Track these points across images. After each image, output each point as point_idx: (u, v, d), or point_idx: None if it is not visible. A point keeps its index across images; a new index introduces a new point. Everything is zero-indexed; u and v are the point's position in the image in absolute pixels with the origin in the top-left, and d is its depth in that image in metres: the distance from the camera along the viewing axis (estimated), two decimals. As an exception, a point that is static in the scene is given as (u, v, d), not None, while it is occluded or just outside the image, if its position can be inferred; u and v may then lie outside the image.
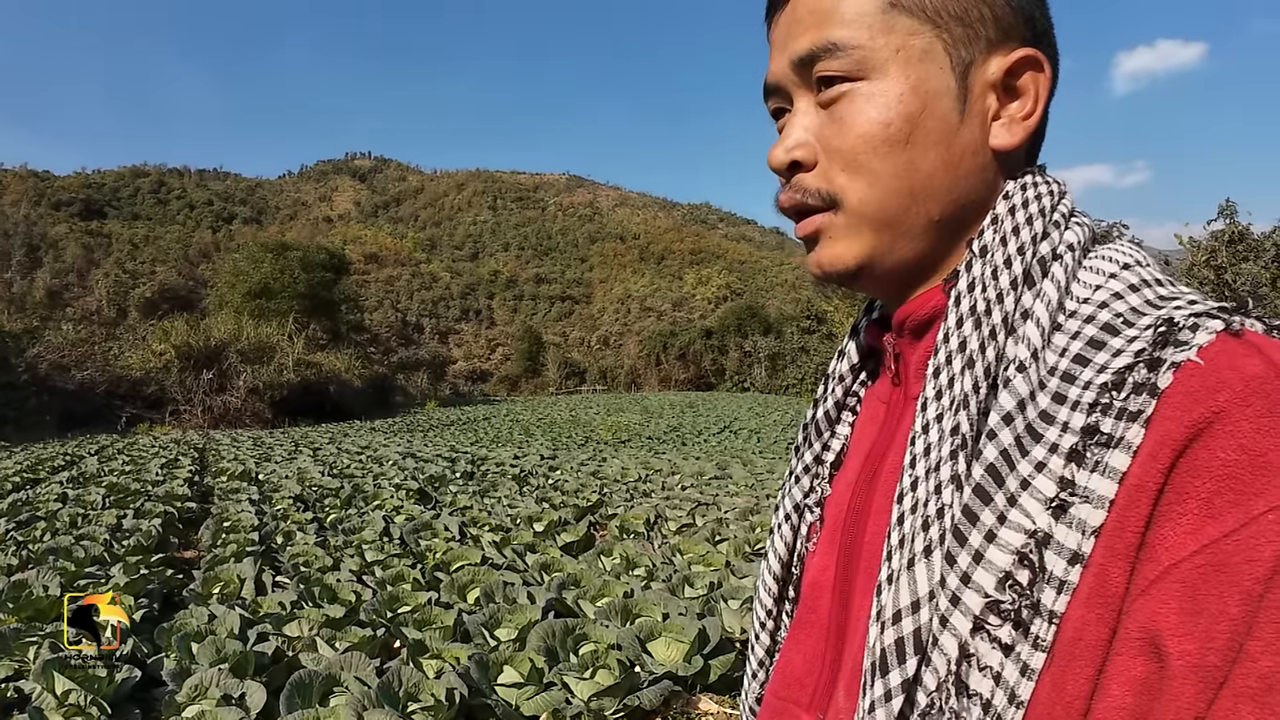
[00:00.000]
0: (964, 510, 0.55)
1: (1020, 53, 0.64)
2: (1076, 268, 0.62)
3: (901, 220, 0.65)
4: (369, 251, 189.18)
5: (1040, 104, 0.65)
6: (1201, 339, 0.51)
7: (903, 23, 0.63)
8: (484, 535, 7.43)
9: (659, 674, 4.23)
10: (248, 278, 48.42)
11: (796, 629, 0.78)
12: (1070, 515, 0.51)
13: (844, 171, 0.65)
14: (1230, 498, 0.46)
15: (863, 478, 0.72)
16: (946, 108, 0.63)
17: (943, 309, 0.66)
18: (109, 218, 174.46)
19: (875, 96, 0.63)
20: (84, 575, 5.87)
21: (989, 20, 0.64)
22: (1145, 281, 0.59)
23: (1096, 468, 0.50)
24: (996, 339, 0.60)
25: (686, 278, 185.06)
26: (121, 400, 29.69)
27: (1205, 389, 0.49)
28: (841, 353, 0.83)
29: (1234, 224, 17.11)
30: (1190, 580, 0.46)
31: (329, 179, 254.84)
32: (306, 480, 11.54)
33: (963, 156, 0.64)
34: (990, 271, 0.63)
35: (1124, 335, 0.54)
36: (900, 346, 0.72)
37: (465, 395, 67.08)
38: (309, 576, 5.81)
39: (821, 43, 0.65)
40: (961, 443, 0.58)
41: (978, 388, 0.59)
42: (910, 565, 0.57)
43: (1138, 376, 0.51)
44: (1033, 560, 0.51)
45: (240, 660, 4.19)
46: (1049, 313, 0.59)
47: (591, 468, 13.11)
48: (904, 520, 0.59)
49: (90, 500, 9.55)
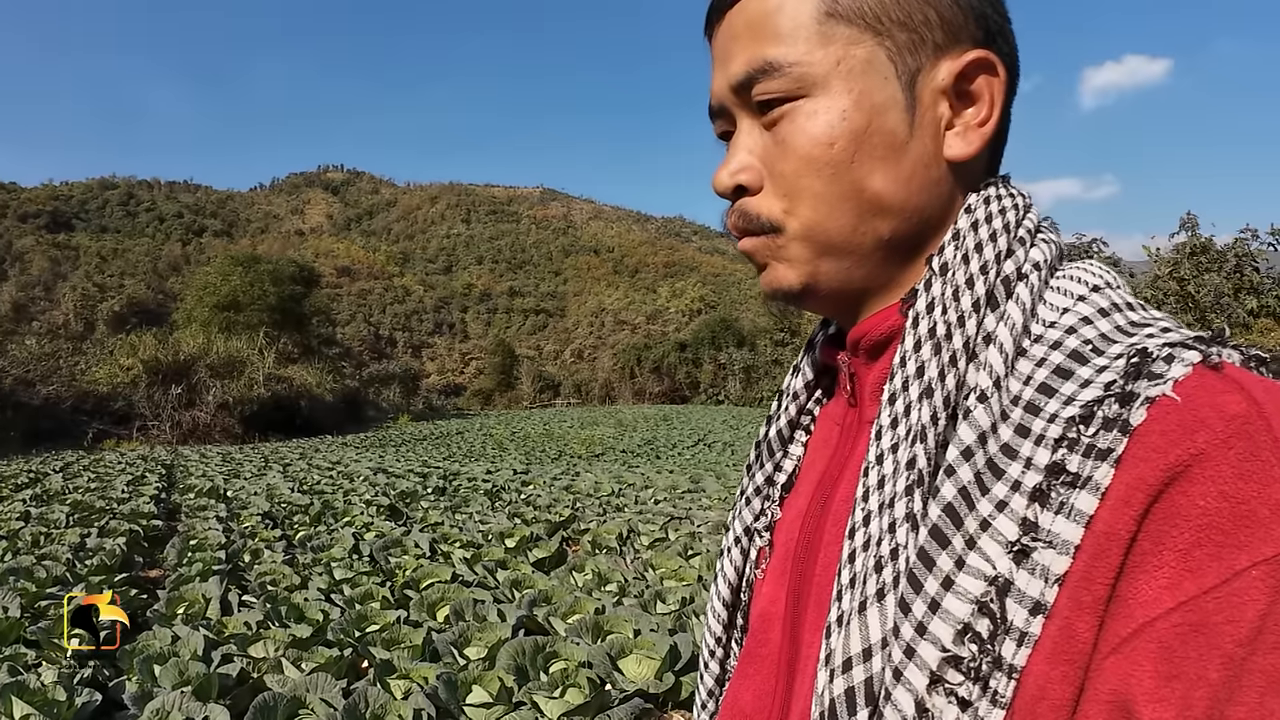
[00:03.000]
0: (919, 553, 0.51)
1: (971, 55, 0.60)
2: (1043, 288, 0.58)
3: (849, 241, 0.62)
4: (341, 265, 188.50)
5: (996, 109, 0.61)
6: (1177, 372, 0.47)
7: (842, 32, 0.59)
8: (455, 552, 7.37)
9: (630, 692, 4.21)
10: (216, 291, 47.93)
11: (746, 662, 0.73)
12: (1032, 561, 0.47)
13: (788, 195, 0.62)
14: (1211, 550, 0.42)
15: (814, 505, 0.69)
16: (894, 121, 0.59)
17: (900, 329, 0.62)
18: (77, 230, 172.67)
19: (817, 114, 0.60)
20: (45, 596, 5.75)
21: (935, 23, 0.60)
22: (1116, 305, 0.56)
23: (1061, 509, 0.47)
24: (957, 365, 0.56)
25: (660, 291, 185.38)
26: (88, 416, 29.21)
27: (1182, 429, 0.45)
28: (796, 368, 0.80)
29: (1196, 236, 17.42)
30: (1167, 640, 0.42)
31: (301, 192, 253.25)
32: (276, 497, 11.40)
33: (914, 171, 0.60)
34: (951, 292, 0.58)
35: (1093, 364, 0.51)
36: (855, 366, 0.68)
37: (438, 409, 66.59)
38: (276, 596, 5.73)
39: (758, 63, 0.61)
40: (918, 478, 0.54)
41: (936, 418, 0.55)
42: (862, 609, 0.54)
43: (1108, 411, 0.48)
44: (993, 610, 0.48)
45: (204, 683, 4.11)
46: (1013, 337, 0.55)
47: (564, 482, 13.05)
48: (855, 558, 0.56)
49: (54, 519, 9.37)
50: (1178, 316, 16.74)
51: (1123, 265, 18.59)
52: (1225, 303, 17.39)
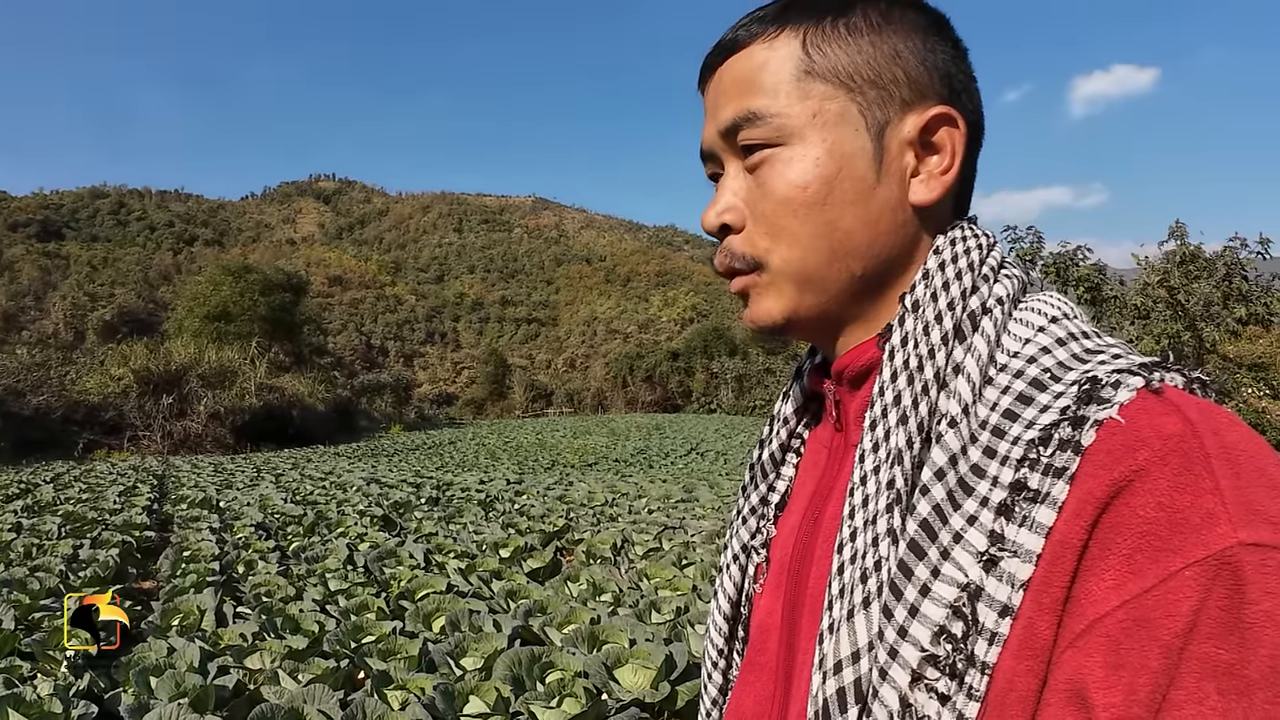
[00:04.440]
0: (899, 565, 0.57)
1: (934, 110, 0.66)
2: (1007, 320, 0.64)
3: (824, 277, 0.68)
4: (333, 274, 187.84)
5: (956, 159, 0.66)
6: (1123, 396, 0.53)
7: (818, 89, 0.66)
8: (449, 562, 7.38)
9: (626, 701, 4.22)
10: (207, 300, 47.85)
11: (747, 670, 0.79)
12: (1000, 569, 0.52)
13: (768, 234, 0.69)
14: (1150, 554, 0.48)
15: (806, 523, 0.74)
16: (862, 168, 0.66)
17: (878, 361, 0.67)
18: (67, 239, 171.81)
19: (794, 161, 0.66)
20: (39, 608, 5.74)
21: (902, 81, 0.66)
22: (1073, 335, 0.62)
23: (1024, 523, 0.52)
24: (929, 394, 0.62)
25: (653, 300, 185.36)
26: (79, 426, 29.12)
27: (1126, 447, 0.51)
28: (786, 394, 0.86)
29: (1185, 244, 17.50)
30: (1113, 634, 0.48)
31: (292, 201, 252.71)
32: (269, 507, 11.39)
33: (881, 214, 0.66)
34: (922, 327, 0.64)
35: (1050, 391, 0.57)
36: (840, 394, 0.74)
37: (430, 419, 66.55)
38: (271, 607, 5.73)
39: (743, 112, 0.68)
40: (896, 497, 0.60)
41: (911, 443, 0.61)
42: (850, 616, 0.59)
43: (1063, 433, 0.53)
44: (965, 613, 0.53)
45: (200, 695, 4.11)
46: (979, 367, 0.61)
47: (558, 492, 13.05)
48: (844, 570, 0.61)
49: (45, 530, 9.34)
50: (1168, 324, 16.87)
51: (1111, 273, 18.70)
52: (1215, 311, 17.49)
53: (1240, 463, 0.49)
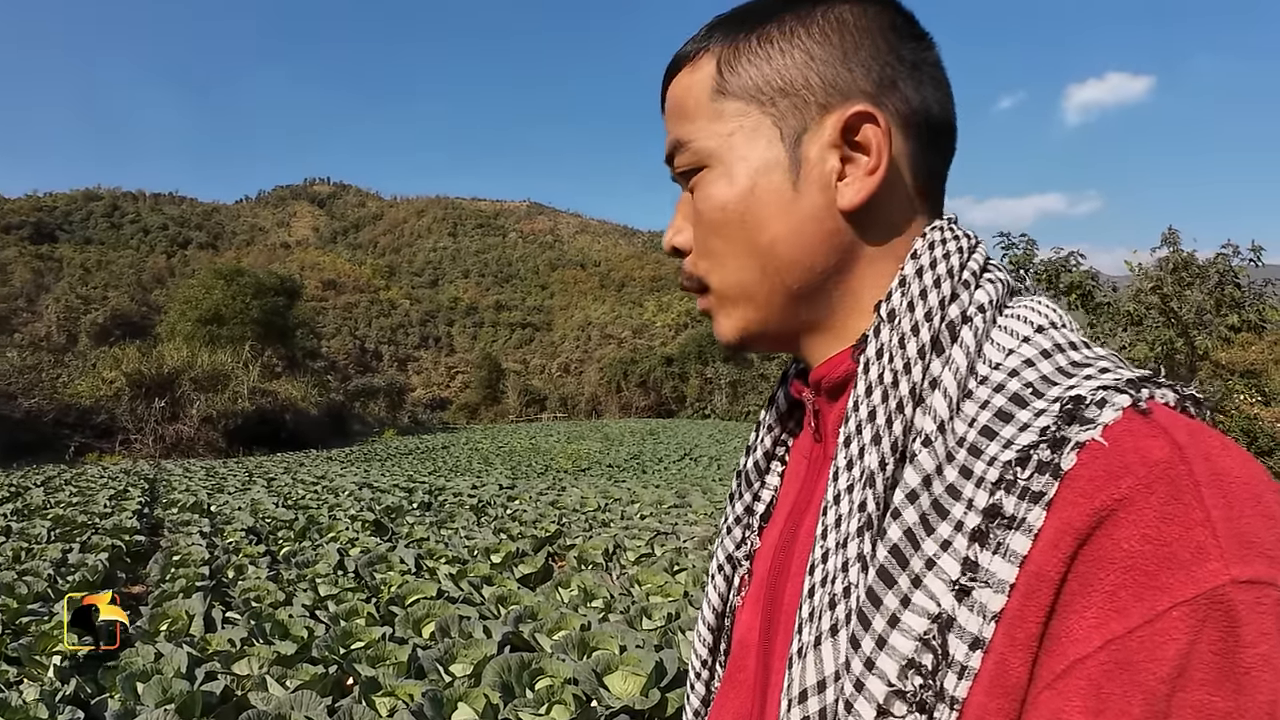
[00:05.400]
0: (868, 593, 0.54)
1: (852, 110, 0.62)
2: (990, 328, 0.60)
3: (761, 294, 0.67)
4: (327, 278, 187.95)
5: (883, 157, 0.62)
6: (1108, 416, 0.49)
7: (731, 107, 0.65)
8: (440, 568, 7.35)
9: (616, 708, 4.20)
10: (199, 304, 47.77)
11: (727, 686, 0.77)
12: (973, 599, 0.49)
13: (704, 256, 0.69)
14: (1134, 591, 0.45)
15: (784, 536, 0.72)
16: (778, 180, 0.64)
17: (855, 372, 0.64)
18: (60, 241, 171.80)
19: (714, 182, 0.66)
20: (26, 612, 5.70)
21: (816, 86, 0.63)
22: (1059, 346, 0.58)
23: (998, 550, 0.49)
24: (904, 411, 0.58)
25: (647, 305, 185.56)
26: (70, 429, 29.02)
27: (1108, 474, 0.47)
28: (771, 401, 0.83)
29: (1178, 251, 17.54)
30: (1094, 677, 0.45)
31: (287, 204, 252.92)
32: (260, 512, 11.34)
33: (804, 225, 0.64)
34: (898, 339, 0.60)
35: (1031, 408, 0.53)
36: (819, 404, 0.72)
37: (424, 423, 66.35)
38: (260, 612, 5.70)
39: (671, 141, 0.69)
40: (868, 521, 0.57)
41: (884, 464, 0.57)
42: (817, 644, 0.56)
43: (1041, 455, 0.49)
44: (935, 646, 0.50)
45: (187, 701, 4.09)
46: (958, 381, 0.57)
47: (550, 497, 13.03)
48: (814, 593, 0.59)
49: (35, 533, 9.29)
50: (1161, 331, 16.91)
51: (1105, 279, 18.73)
52: (1207, 319, 17.54)
53: (1233, 491, 0.46)
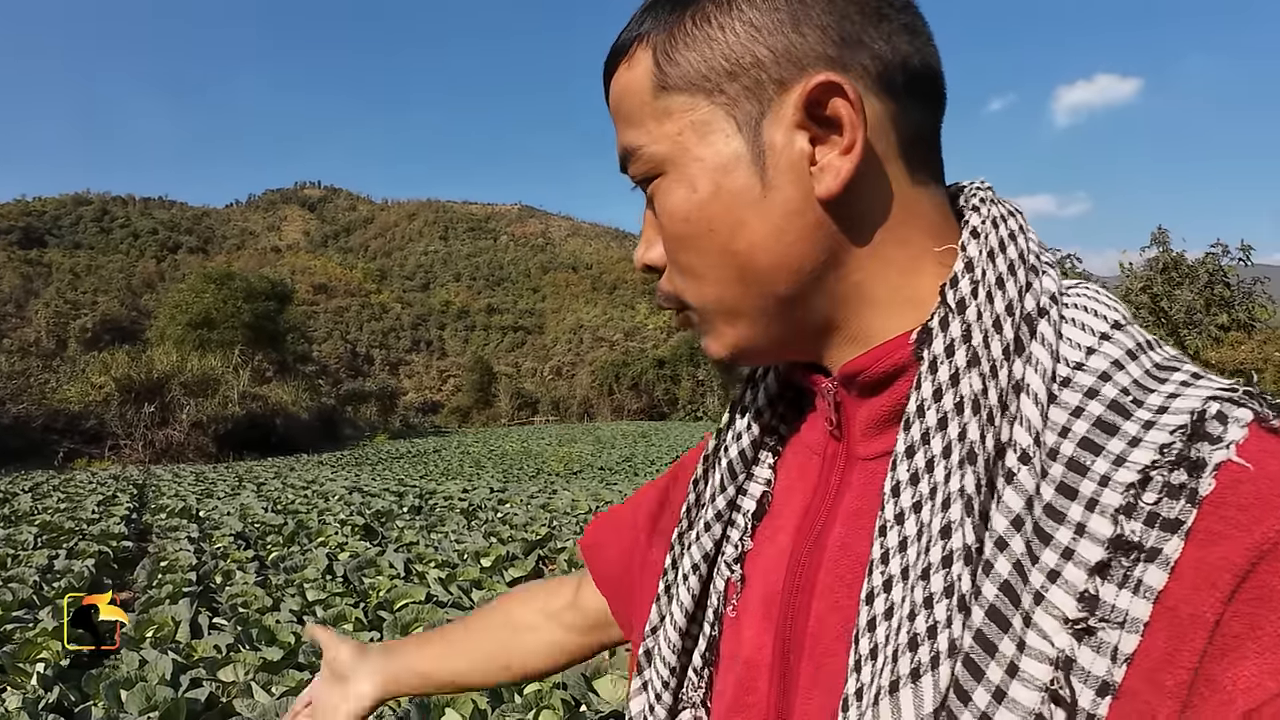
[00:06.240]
0: (977, 637, 0.46)
1: (814, 81, 0.52)
2: (1060, 322, 0.53)
3: (746, 307, 0.58)
4: (318, 282, 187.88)
5: (858, 130, 0.52)
6: (1235, 434, 0.44)
7: (676, 102, 0.56)
8: (430, 572, 7.31)
9: (605, 713, 4.18)
10: (189, 308, 47.70)
11: (733, 711, 0.65)
12: (1098, 639, 0.43)
13: (677, 273, 0.61)
14: None
15: (801, 546, 0.62)
16: (743, 178, 0.55)
17: (903, 366, 0.56)
18: (49, 246, 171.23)
19: (672, 191, 0.57)
20: (10, 619, 5.65)
21: (766, 60, 0.54)
22: (1141, 346, 0.51)
23: (1126, 583, 0.43)
24: (994, 423, 0.50)
25: (639, 307, 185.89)
26: (59, 435, 28.89)
27: (1262, 503, 0.42)
28: (753, 380, 0.72)
29: (1167, 251, 17.65)
30: None
31: (278, 208, 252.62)
32: (249, 517, 11.28)
33: (782, 223, 0.55)
34: (980, 337, 0.52)
35: (1136, 419, 0.47)
36: (843, 398, 0.61)
37: (415, 427, 66.33)
38: (247, 618, 5.66)
39: (621, 151, 0.60)
40: (963, 552, 0.48)
41: (980, 487, 0.49)
42: (894, 690, 0.47)
43: (1173, 478, 0.44)
44: (1065, 697, 0.43)
45: (170, 709, 4.05)
46: (1045, 385, 0.50)
47: (541, 500, 12.98)
48: (875, 626, 0.50)
49: (21, 540, 9.21)
50: (1150, 331, 17.00)
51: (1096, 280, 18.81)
52: (1197, 318, 17.63)
53: None
